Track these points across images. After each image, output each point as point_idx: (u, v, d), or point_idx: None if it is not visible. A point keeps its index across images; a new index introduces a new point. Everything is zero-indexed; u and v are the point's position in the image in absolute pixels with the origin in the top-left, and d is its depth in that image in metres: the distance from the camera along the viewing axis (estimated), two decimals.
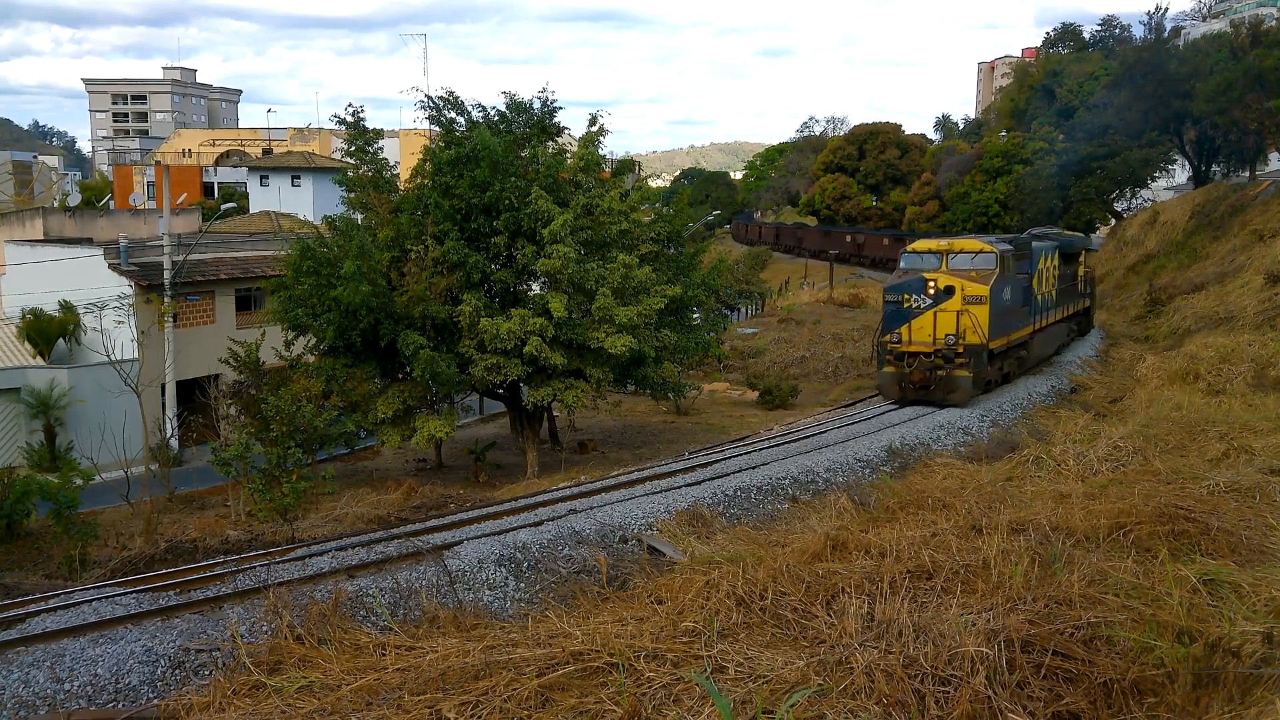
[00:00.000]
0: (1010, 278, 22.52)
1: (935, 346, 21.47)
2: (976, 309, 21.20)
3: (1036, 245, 26.01)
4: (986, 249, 21.97)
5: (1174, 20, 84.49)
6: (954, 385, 21.53)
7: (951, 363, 21.39)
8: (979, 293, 21.25)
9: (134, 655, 9.49)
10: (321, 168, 64.69)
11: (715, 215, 70.15)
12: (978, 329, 21.17)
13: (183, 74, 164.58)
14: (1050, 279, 27.00)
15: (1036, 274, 25.30)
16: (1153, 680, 6.64)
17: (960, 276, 21.43)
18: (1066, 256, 29.36)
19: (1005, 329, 22.64)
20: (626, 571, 11.97)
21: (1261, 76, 45.42)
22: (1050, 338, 27.75)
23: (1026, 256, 24.48)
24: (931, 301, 21.44)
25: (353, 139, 25.06)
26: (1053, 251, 27.48)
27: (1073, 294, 30.49)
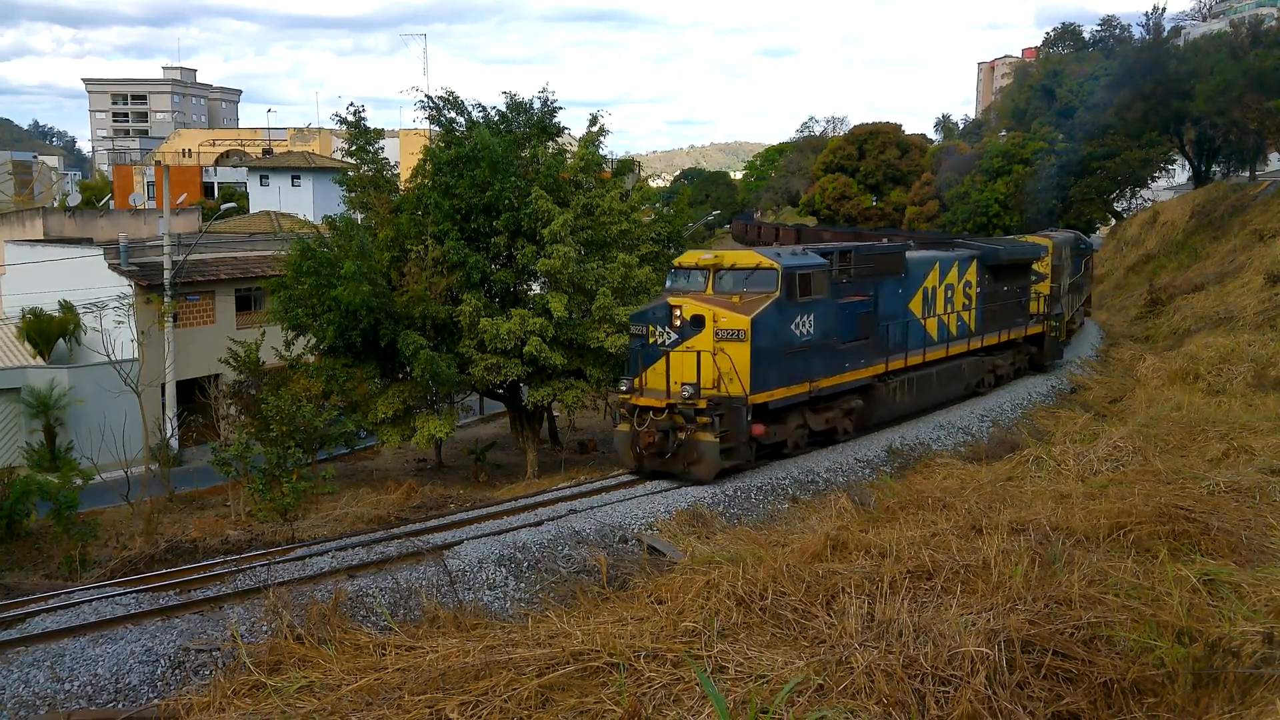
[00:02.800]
0: (810, 304, 16.53)
1: (669, 399, 15.53)
2: (733, 347, 15.38)
3: (919, 256, 21.12)
4: (765, 264, 16.09)
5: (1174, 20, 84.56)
6: (696, 453, 15.42)
7: (693, 422, 15.43)
8: (736, 325, 15.38)
9: (134, 655, 9.49)
10: (321, 168, 64.67)
11: (715, 215, 70.13)
12: (734, 375, 15.34)
13: (183, 74, 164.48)
14: (957, 299, 21.92)
15: (921, 294, 20.48)
16: (1153, 680, 6.64)
17: (716, 303, 15.77)
18: (1000, 270, 23.86)
19: (794, 374, 16.40)
20: (626, 571, 11.98)
21: (1261, 76, 45.42)
22: (946, 376, 21.63)
23: (878, 273, 18.97)
24: (677, 337, 15.74)
25: (353, 139, 25.06)
26: (964, 264, 22.38)
27: (1009, 317, 24.53)
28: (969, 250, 23.33)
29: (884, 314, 19.03)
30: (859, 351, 18.12)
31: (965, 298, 22.45)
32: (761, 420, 16.06)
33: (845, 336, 17.63)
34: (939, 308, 21.27)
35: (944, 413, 21.89)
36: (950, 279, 21.75)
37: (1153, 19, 59.23)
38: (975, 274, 22.77)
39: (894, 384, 19.51)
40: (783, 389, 16.28)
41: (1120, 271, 48.67)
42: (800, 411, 17.28)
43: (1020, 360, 25.97)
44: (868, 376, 18.59)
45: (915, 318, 20.30)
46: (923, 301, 20.69)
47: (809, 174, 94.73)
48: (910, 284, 20.15)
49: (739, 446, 15.63)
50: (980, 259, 23.03)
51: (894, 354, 19.46)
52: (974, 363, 23.12)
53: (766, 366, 15.73)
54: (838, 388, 17.71)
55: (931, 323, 20.99)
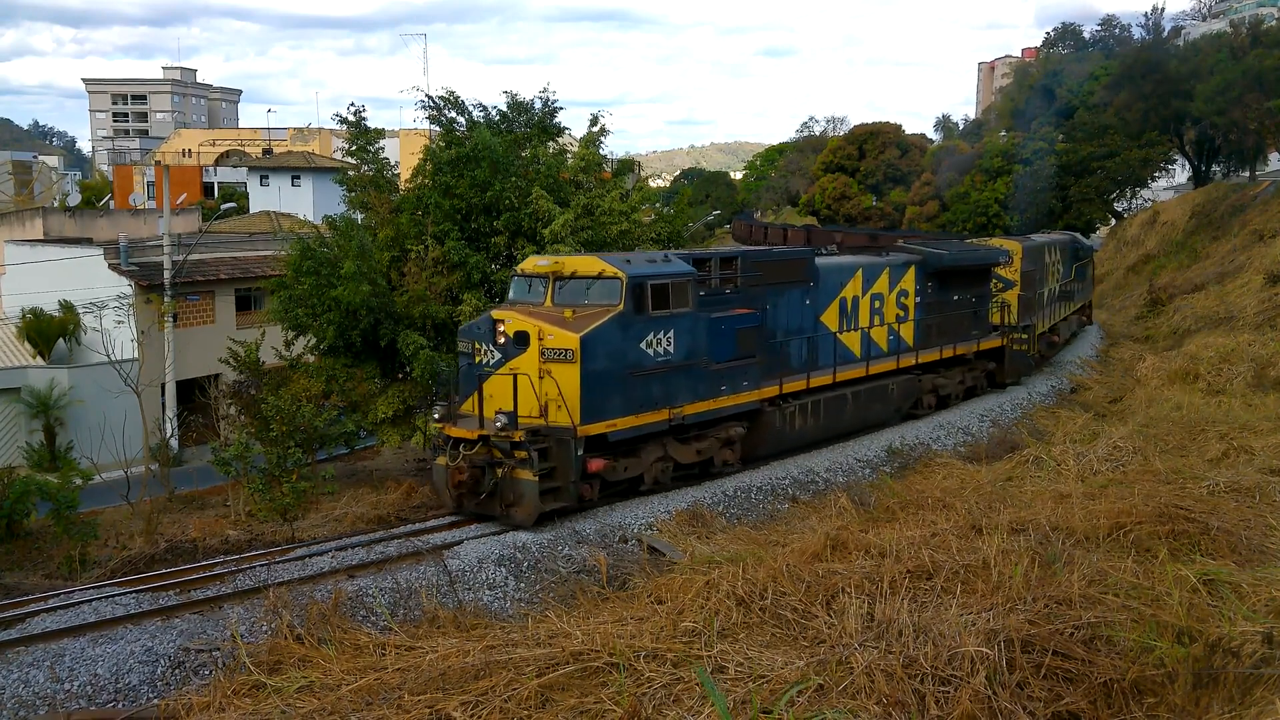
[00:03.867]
0: (668, 319, 14.37)
1: (483, 430, 13.37)
2: (561, 370, 13.27)
3: (834, 262, 19.25)
4: (609, 272, 13.99)
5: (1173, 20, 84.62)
6: (515, 493, 13.31)
7: (511, 457, 13.28)
8: (564, 344, 13.28)
9: (134, 655, 9.50)
10: (321, 168, 64.68)
11: (715, 215, 70.13)
12: (562, 403, 13.22)
13: (183, 74, 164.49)
14: (888, 310, 19.92)
15: (837, 305, 18.52)
16: (1153, 680, 6.64)
17: (546, 317, 13.72)
18: (946, 277, 21.65)
19: (647, 399, 14.18)
20: (626, 571, 11.98)
21: (1261, 76, 45.40)
22: (868, 397, 19.26)
23: (773, 282, 16.88)
24: (500, 356, 13.78)
25: (354, 139, 25.05)
26: (897, 271, 20.23)
27: (959, 329, 22.23)
28: (906, 255, 21.00)
29: (782, 328, 17.12)
30: (741, 372, 15.81)
31: (900, 308, 20.29)
32: (603, 453, 13.90)
33: (721, 355, 15.40)
34: (863, 320, 19.17)
35: (944, 413, 21.73)
36: (878, 287, 19.64)
37: (1153, 19, 59.37)
38: (913, 282, 20.73)
39: (792, 408, 17.16)
40: (629, 417, 13.96)
41: (1120, 271, 48.67)
42: (660, 442, 14.95)
43: (974, 378, 23.38)
44: (754, 400, 16.22)
45: (828, 332, 18.24)
46: (840, 313, 18.56)
47: (809, 174, 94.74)
48: (822, 294, 18.08)
49: (568, 485, 13.36)
50: (920, 265, 20.89)
51: (793, 374, 17.28)
52: (906, 382, 20.48)
53: (605, 391, 13.54)
54: (710, 414, 15.40)
55: (852, 337, 18.90)
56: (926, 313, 21.04)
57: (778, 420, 16.91)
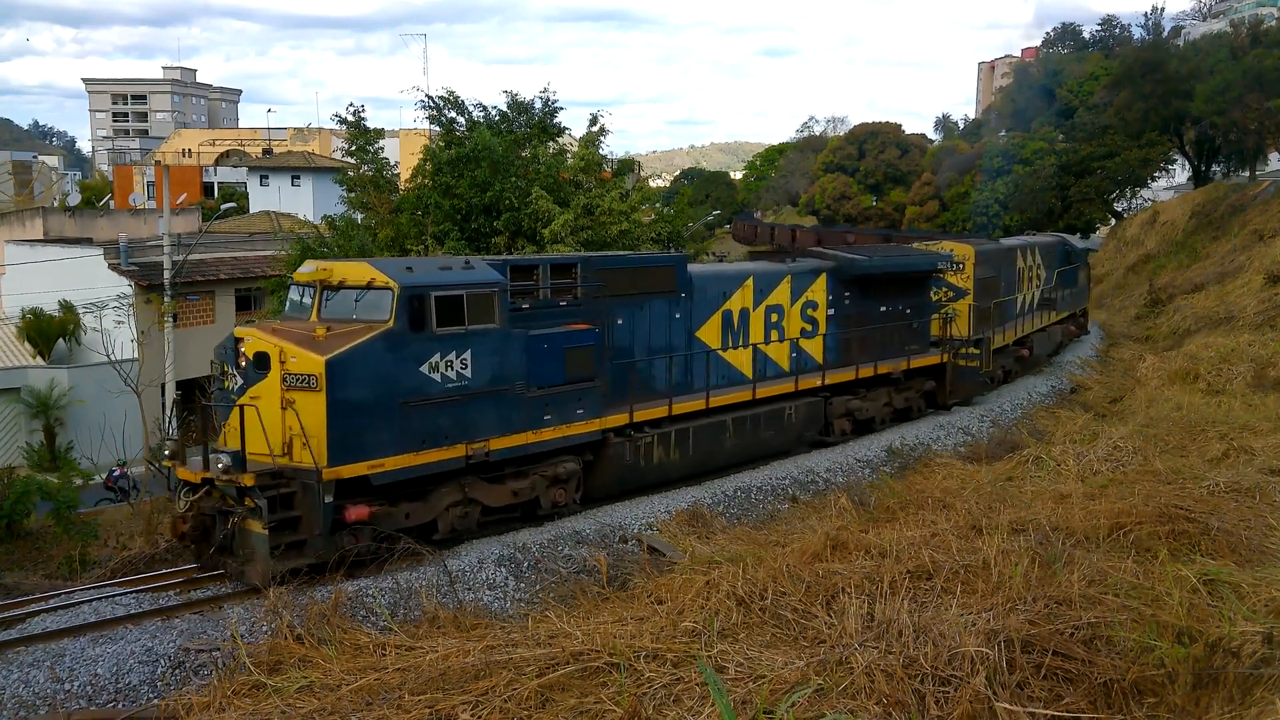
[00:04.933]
0: (462, 336, 12.17)
1: (206, 471, 11.23)
2: (306, 400, 11.08)
3: (714, 271, 17.83)
4: (379, 281, 11.82)
5: (1173, 20, 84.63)
6: (248, 548, 11.21)
7: (243, 504, 11.11)
8: (307, 369, 11.07)
9: (134, 655, 9.50)
10: (321, 168, 64.70)
11: (715, 215, 70.18)
12: (305, 439, 11.00)
13: (183, 74, 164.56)
14: (790, 324, 17.86)
15: (719, 318, 16.44)
16: (1153, 680, 6.64)
17: (295, 336, 11.48)
18: (869, 285, 19.37)
19: (433, 432, 11.97)
20: (626, 571, 11.98)
21: (1261, 76, 45.41)
22: (757, 424, 16.86)
23: (624, 293, 14.67)
24: (242, 382, 11.57)
25: (353, 138, 25.07)
26: (802, 278, 18.05)
27: (889, 344, 19.81)
28: (815, 262, 18.87)
29: (641, 346, 15.02)
30: (573, 398, 13.55)
31: (806, 321, 18.11)
32: (370, 498, 11.62)
33: (544, 379, 13.12)
34: (755, 335, 17.00)
35: (944, 413, 21.62)
36: (776, 298, 17.46)
37: (1153, 19, 59.36)
38: (824, 291, 18.47)
39: (648, 439, 14.83)
40: (404, 455, 11.67)
41: (1120, 271, 48.68)
42: (457, 483, 12.53)
43: (907, 399, 20.68)
44: (593, 431, 13.94)
45: (707, 349, 16.05)
46: (723, 328, 16.44)
47: (809, 174, 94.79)
48: (698, 306, 15.94)
49: (313, 539, 11.14)
50: (833, 273, 18.67)
51: (652, 399, 15.03)
52: (809, 405, 17.88)
53: (365, 425, 11.31)
54: (529, 448, 13.09)
55: (740, 355, 16.75)
56: (843, 326, 18.82)
57: (628, 453, 14.52)
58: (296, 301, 12.64)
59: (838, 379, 18.51)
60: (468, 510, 12.77)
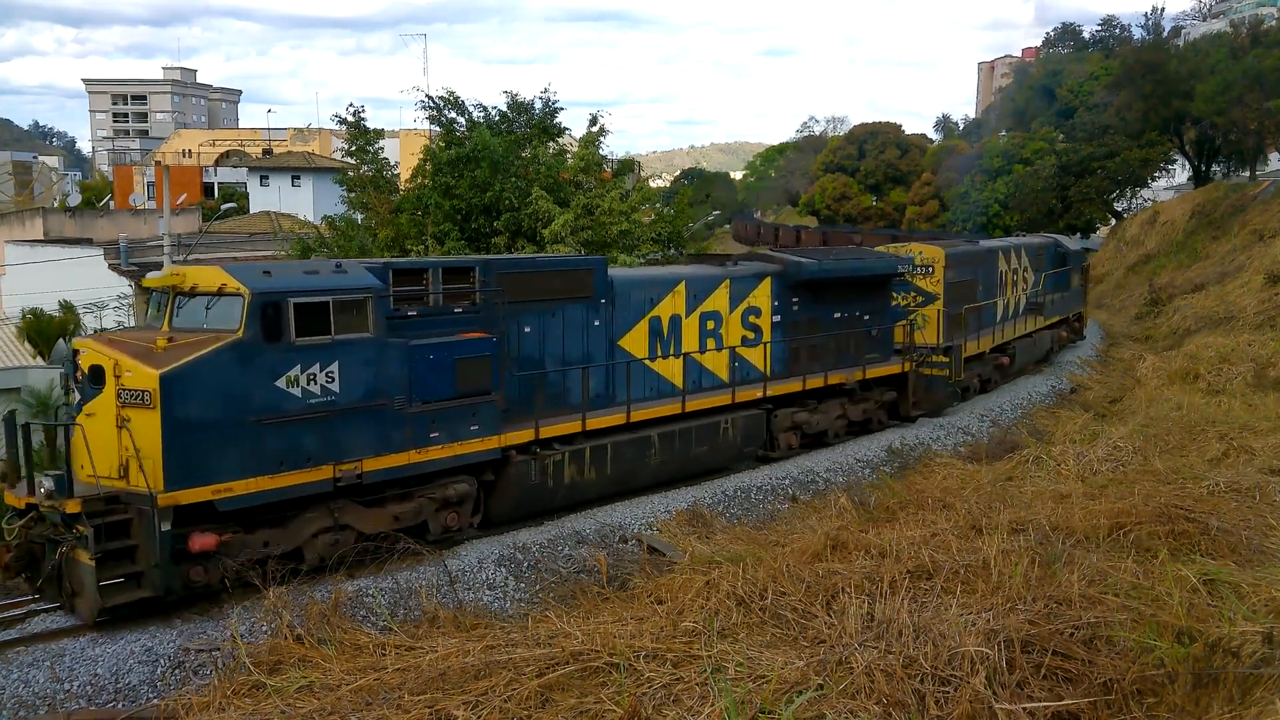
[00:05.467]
0: (328, 348, 11.06)
1: (30, 496, 10.49)
2: (141, 418, 10.11)
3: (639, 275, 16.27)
4: (230, 287, 10.76)
5: (1174, 20, 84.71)
6: (77, 580, 10.20)
7: (72, 532, 10.05)
8: (142, 383, 10.10)
9: (134, 655, 9.50)
10: (321, 168, 64.76)
11: (715, 215, 70.19)
12: (140, 461, 10.03)
13: (183, 74, 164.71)
14: (730, 332, 16.66)
15: (645, 326, 15.37)
16: (1153, 680, 6.64)
17: (132, 349, 10.46)
18: (821, 289, 18.17)
19: (292, 453, 10.88)
20: (626, 571, 11.98)
21: (1261, 76, 45.42)
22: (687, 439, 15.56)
23: (530, 299, 13.59)
24: (79, 399, 10.75)
25: (353, 139, 25.12)
26: (743, 283, 16.89)
27: (844, 353, 18.71)
28: (759, 266, 17.59)
29: (552, 356, 13.91)
30: (465, 414, 12.34)
31: (748, 329, 16.98)
32: (219, 526, 10.59)
33: (430, 393, 11.95)
34: (689, 344, 15.95)
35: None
36: (713, 304, 16.35)
37: (1153, 19, 59.36)
38: (769, 297, 17.28)
39: (558, 456, 13.61)
40: (257, 478, 10.63)
41: (1120, 271, 48.68)
42: (325, 508, 11.39)
43: (865, 410, 19.38)
44: (490, 449, 12.68)
45: (631, 360, 14.97)
46: (651, 336, 15.39)
47: (809, 174, 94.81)
48: (621, 312, 14.89)
49: (151, 571, 10.06)
50: (779, 277, 17.46)
51: (561, 413, 13.90)
52: (749, 419, 16.60)
53: (210, 445, 10.30)
54: (411, 469, 11.93)
55: (671, 365, 15.65)
56: (791, 334, 17.69)
57: (534, 473, 13.33)
58: (154, 310, 11.70)
59: (782, 390, 17.29)
60: (338, 537, 11.59)
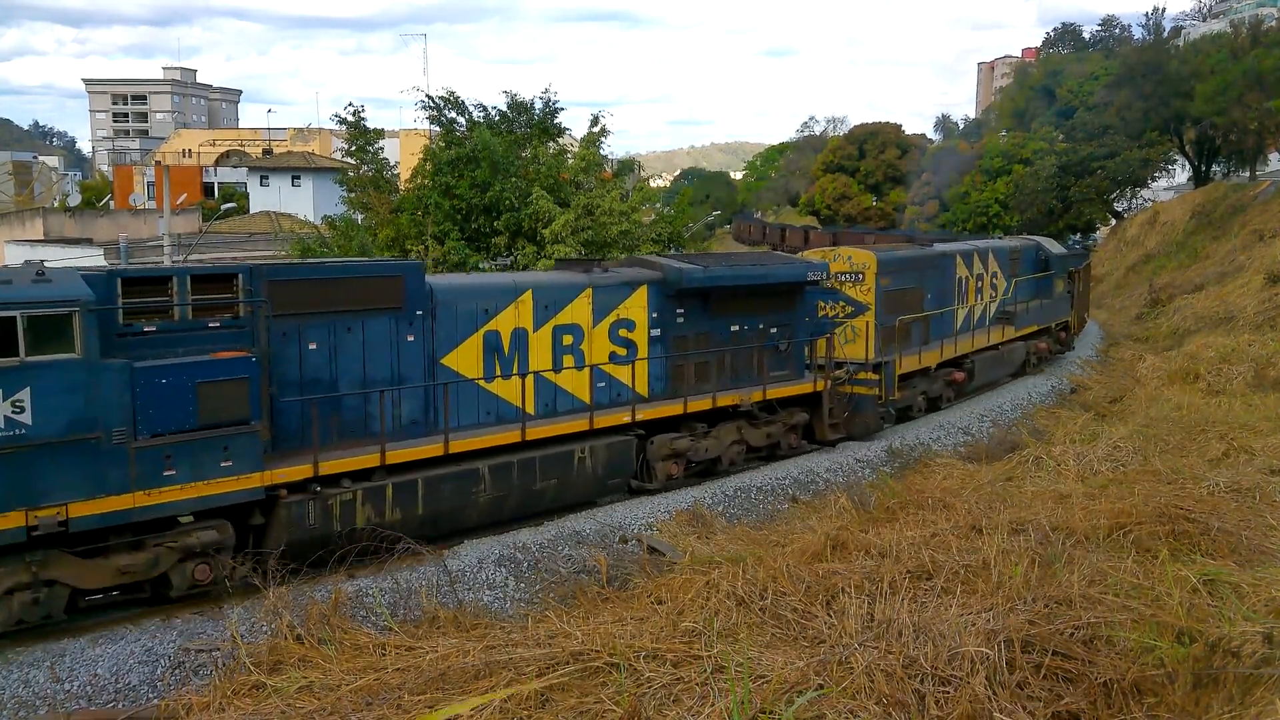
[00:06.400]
0: (15, 371, 9.42)
1: None
2: None
3: (464, 282, 14.14)
4: None
5: (1174, 20, 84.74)
6: None
7: None
8: None
9: (134, 655, 9.50)
10: (321, 168, 64.77)
11: (715, 215, 70.22)
12: None
13: (183, 74, 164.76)
14: (594, 348, 14.55)
15: (477, 342, 13.26)
16: (1153, 680, 6.64)
17: None
18: (709, 298, 15.89)
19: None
20: (626, 571, 11.98)
21: (1261, 76, 45.44)
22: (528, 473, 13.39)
23: (315, 310, 11.71)
24: None
25: (353, 139, 25.14)
26: (609, 292, 14.72)
27: (742, 371, 16.54)
28: (633, 272, 15.34)
29: (343, 376, 11.92)
30: (215, 446, 10.50)
31: (619, 344, 14.88)
32: None
33: (161, 423, 10.17)
34: (538, 361, 13.86)
35: (943, 412, 21.41)
36: (572, 316, 14.22)
37: (1153, 19, 59.38)
38: (645, 308, 15.08)
39: (347, 495, 11.58)
40: None
41: (1120, 271, 48.70)
42: (21, 561, 9.67)
43: (769, 434, 17.01)
44: (250, 489, 10.76)
45: (459, 380, 12.96)
46: (486, 353, 13.31)
47: (809, 174, 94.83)
48: (445, 325, 12.93)
49: None
50: (658, 285, 15.22)
51: (355, 444, 11.90)
52: (613, 447, 14.38)
53: None
54: (136, 514, 10.11)
55: (514, 387, 13.50)
56: (675, 349, 15.50)
57: (313, 515, 11.31)
58: None
59: (658, 414, 15.02)
60: (38, 595, 9.78)
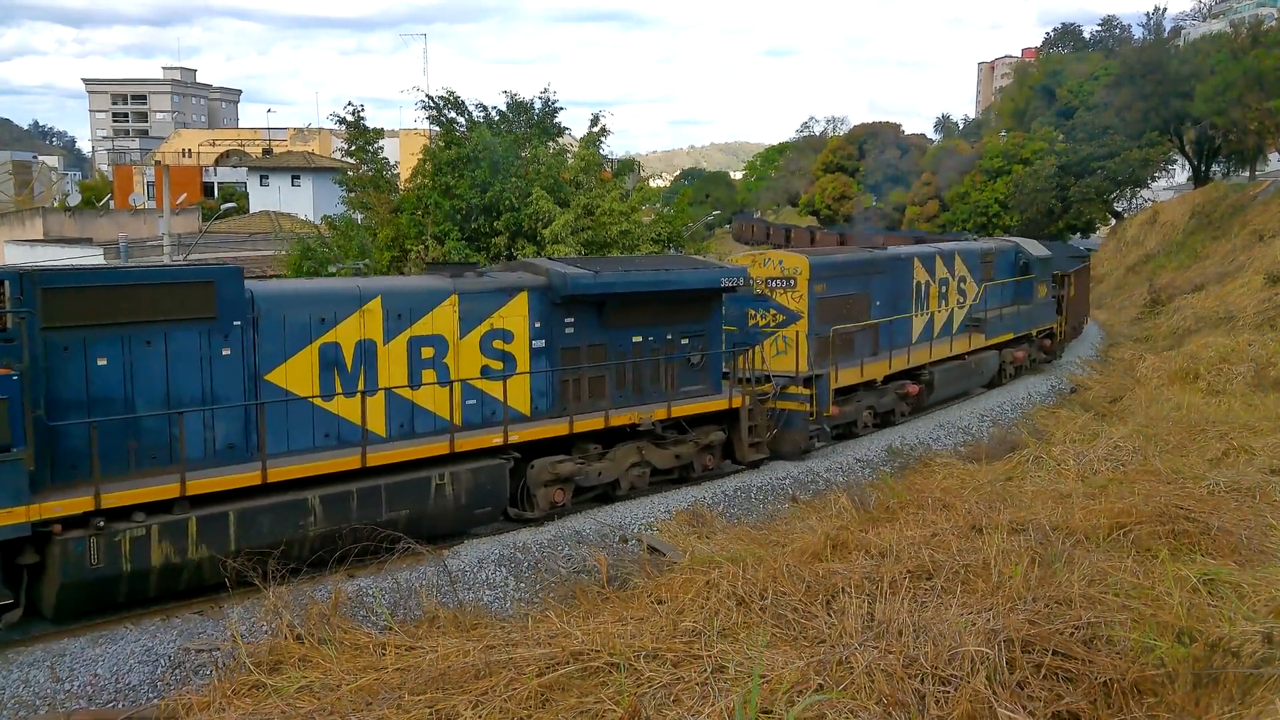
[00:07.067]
0: None
1: None
2: None
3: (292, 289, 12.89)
4: None
5: (1174, 20, 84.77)
6: None
7: None
8: None
9: (134, 655, 9.50)
10: (321, 168, 64.76)
11: (715, 215, 70.24)
12: None
13: (182, 74, 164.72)
14: (462, 361, 12.95)
15: (312, 356, 11.68)
16: (1153, 680, 6.64)
17: None
18: (612, 307, 14.40)
19: None
20: (626, 571, 11.98)
21: (1261, 76, 45.42)
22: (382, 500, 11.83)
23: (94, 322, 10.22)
24: None
25: (353, 138, 25.12)
26: (484, 299, 13.18)
27: (644, 387, 14.94)
28: (513, 278, 13.83)
29: (140, 395, 10.43)
30: None
31: (494, 357, 13.25)
32: None
33: None
34: (391, 377, 12.27)
35: (943, 412, 21.45)
36: (432, 326, 12.64)
37: (1153, 19, 59.41)
38: (525, 316, 13.50)
39: (138, 531, 10.06)
40: None
41: (1120, 271, 48.71)
42: None
43: (677, 455, 15.33)
44: (12, 524, 9.25)
45: (288, 399, 11.45)
46: (323, 368, 11.74)
47: (809, 174, 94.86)
48: (270, 338, 11.37)
49: None
50: (541, 292, 13.66)
51: (153, 472, 10.42)
52: (478, 473, 12.60)
53: None
54: None
55: (350, 406, 11.83)
56: (564, 362, 13.95)
57: (94, 554, 9.81)
58: None
59: (539, 434, 13.36)
60: None
